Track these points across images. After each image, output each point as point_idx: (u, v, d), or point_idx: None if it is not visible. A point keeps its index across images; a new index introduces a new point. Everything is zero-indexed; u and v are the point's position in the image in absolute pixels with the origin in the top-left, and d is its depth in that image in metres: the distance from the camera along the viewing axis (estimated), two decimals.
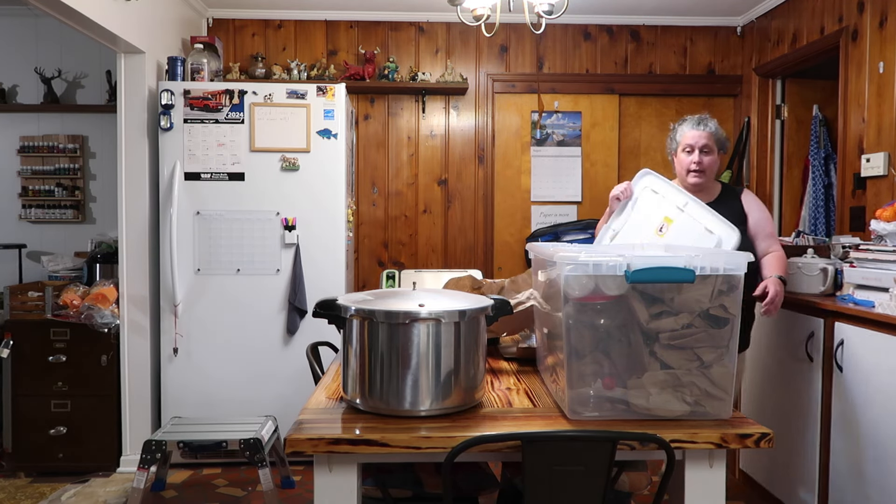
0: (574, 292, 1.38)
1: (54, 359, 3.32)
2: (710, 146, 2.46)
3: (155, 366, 3.46)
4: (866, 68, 3.25)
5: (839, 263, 2.74)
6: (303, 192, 3.42)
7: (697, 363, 1.38)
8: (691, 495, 1.39)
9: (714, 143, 2.47)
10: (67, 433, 3.33)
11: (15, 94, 4.26)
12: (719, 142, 2.49)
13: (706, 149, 2.46)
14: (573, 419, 1.41)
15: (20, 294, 3.37)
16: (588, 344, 1.40)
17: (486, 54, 4.37)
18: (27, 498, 3.06)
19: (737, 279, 1.38)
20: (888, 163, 3.08)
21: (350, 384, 1.47)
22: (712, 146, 2.47)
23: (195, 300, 3.41)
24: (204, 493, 3.11)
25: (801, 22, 3.78)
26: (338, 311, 1.49)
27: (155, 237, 3.46)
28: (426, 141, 4.38)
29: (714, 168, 2.49)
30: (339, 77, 4.21)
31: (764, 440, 1.33)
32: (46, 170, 4.24)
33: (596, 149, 4.43)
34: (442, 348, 1.42)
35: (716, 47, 4.42)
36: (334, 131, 3.42)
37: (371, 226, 4.38)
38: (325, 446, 1.31)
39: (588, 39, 4.39)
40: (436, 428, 1.36)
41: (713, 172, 2.49)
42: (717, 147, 2.48)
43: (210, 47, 3.74)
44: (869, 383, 2.31)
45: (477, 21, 2.83)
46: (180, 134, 3.38)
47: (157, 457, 2.77)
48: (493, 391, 1.65)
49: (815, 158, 3.95)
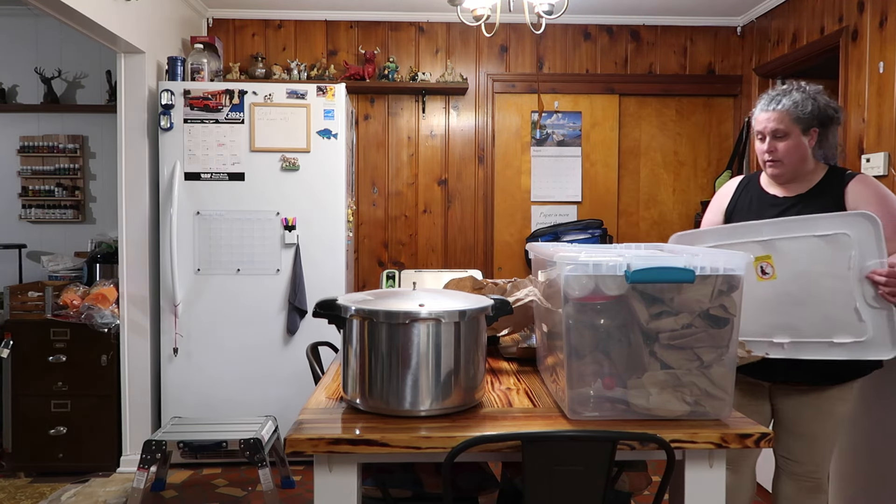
0: (574, 292, 1.38)
1: (54, 359, 3.32)
2: (785, 128, 1.92)
3: (155, 366, 3.46)
4: (866, 68, 3.25)
5: None
6: (303, 192, 3.42)
7: (697, 363, 1.38)
8: (691, 495, 1.39)
9: (792, 122, 1.92)
10: (67, 433, 3.33)
11: (15, 94, 4.26)
12: (803, 118, 1.92)
13: (779, 133, 1.93)
14: (573, 419, 1.41)
15: (20, 294, 3.37)
16: (588, 344, 1.40)
17: (486, 54, 4.37)
18: (27, 498, 3.06)
19: (737, 279, 1.38)
20: (888, 163, 3.08)
21: (350, 384, 1.47)
22: (789, 127, 1.92)
23: (195, 300, 3.41)
24: (204, 493, 3.11)
25: (801, 22, 3.78)
26: (338, 311, 1.49)
27: (155, 237, 3.46)
28: (426, 141, 4.38)
29: (797, 153, 1.93)
30: (339, 77, 4.21)
31: (764, 440, 1.33)
32: (46, 170, 4.24)
33: (596, 149, 4.43)
34: (442, 348, 1.42)
35: (716, 47, 4.43)
36: (334, 131, 3.42)
37: (371, 226, 4.38)
38: (325, 446, 1.31)
39: (588, 39, 4.40)
40: (436, 428, 1.36)
41: (799, 158, 1.94)
42: (800, 125, 1.93)
43: (210, 47, 3.74)
44: (869, 383, 2.31)
45: (477, 21, 2.83)
46: (180, 134, 3.38)
47: (157, 457, 2.77)
48: (493, 391, 1.65)
49: None
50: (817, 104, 1.93)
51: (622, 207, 4.47)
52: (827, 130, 1.95)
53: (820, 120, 1.93)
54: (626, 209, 4.48)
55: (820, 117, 1.93)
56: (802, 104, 1.92)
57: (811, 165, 1.96)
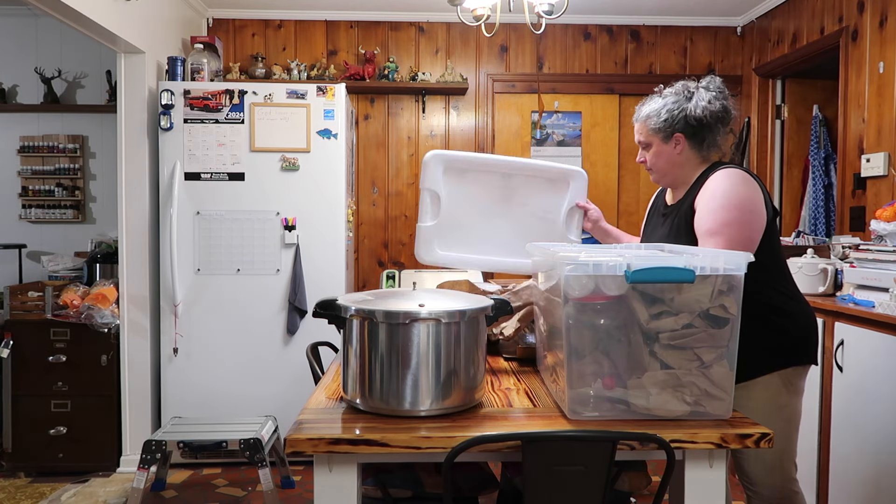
0: (574, 292, 1.38)
1: (54, 359, 3.32)
2: (645, 139, 1.91)
3: (155, 366, 3.46)
4: (866, 68, 3.25)
5: (839, 263, 2.74)
6: (303, 192, 3.42)
7: (697, 363, 1.38)
8: (691, 495, 1.39)
9: (650, 132, 1.88)
10: (67, 433, 3.33)
11: (15, 94, 4.26)
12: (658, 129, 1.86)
13: (642, 143, 1.92)
14: (573, 419, 1.41)
15: (20, 294, 3.37)
16: (588, 344, 1.40)
17: (486, 54, 4.37)
18: (27, 498, 3.06)
19: (737, 279, 1.38)
20: (888, 163, 3.08)
21: (350, 384, 1.47)
22: (648, 138, 1.89)
23: (195, 300, 3.41)
24: (204, 493, 3.11)
25: (801, 22, 3.78)
26: (338, 311, 1.49)
27: (155, 237, 3.46)
28: (426, 141, 4.38)
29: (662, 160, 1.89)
30: (339, 77, 4.21)
31: (764, 440, 1.33)
32: (46, 170, 4.24)
33: (596, 149, 4.43)
34: (442, 348, 1.42)
35: (716, 47, 4.43)
36: (334, 131, 3.42)
37: (371, 226, 4.38)
38: (325, 446, 1.31)
39: (588, 39, 4.40)
40: (436, 428, 1.36)
41: (666, 165, 1.89)
42: (658, 135, 1.87)
43: (210, 47, 3.74)
44: (869, 383, 2.31)
45: (477, 21, 2.83)
46: (180, 134, 3.38)
47: (157, 457, 2.77)
48: (493, 391, 1.65)
49: (815, 158, 3.95)
50: (673, 112, 1.83)
51: (622, 207, 4.47)
52: (701, 133, 1.84)
53: (682, 126, 1.84)
54: (627, 209, 4.48)
55: (679, 124, 1.83)
56: (656, 114, 1.86)
57: (690, 169, 1.88)
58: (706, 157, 1.88)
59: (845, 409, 2.42)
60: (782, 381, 1.79)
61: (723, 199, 1.73)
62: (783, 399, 1.79)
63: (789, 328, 1.80)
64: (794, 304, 1.81)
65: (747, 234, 1.71)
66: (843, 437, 2.44)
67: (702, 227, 1.75)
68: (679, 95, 1.86)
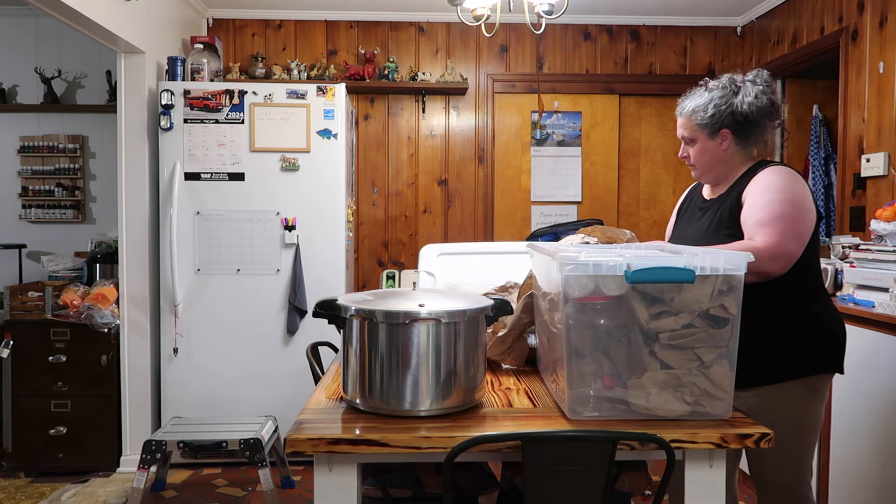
0: (574, 292, 1.38)
1: (54, 359, 3.32)
2: (690, 135, 1.86)
3: (155, 366, 3.46)
4: (866, 68, 3.25)
5: (839, 263, 2.74)
6: (303, 192, 3.42)
7: (697, 363, 1.38)
8: (691, 495, 1.39)
9: (696, 128, 1.84)
10: (67, 433, 3.33)
11: (15, 94, 4.26)
12: (704, 124, 1.82)
13: (686, 139, 1.89)
14: (573, 419, 1.40)
15: (20, 294, 3.37)
16: (588, 344, 1.40)
17: (486, 54, 4.37)
18: (27, 498, 3.06)
19: (737, 279, 1.38)
20: (888, 163, 3.08)
21: (350, 384, 1.47)
22: (693, 133, 1.85)
23: (195, 300, 3.41)
24: (204, 493, 3.11)
25: (801, 22, 3.78)
26: (338, 311, 1.49)
27: (155, 237, 3.46)
28: (426, 141, 4.38)
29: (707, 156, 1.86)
30: (339, 77, 4.21)
31: (764, 440, 1.33)
32: (46, 170, 4.24)
33: (596, 149, 4.43)
34: (442, 348, 1.42)
35: (716, 47, 4.43)
36: (334, 131, 3.42)
37: (371, 226, 4.38)
38: (325, 446, 1.31)
39: (588, 39, 4.40)
40: (436, 428, 1.36)
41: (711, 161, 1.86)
42: (705, 130, 1.83)
43: (210, 47, 3.74)
44: (869, 383, 2.31)
45: (477, 21, 2.83)
46: (180, 134, 3.38)
47: (157, 457, 2.77)
48: (493, 391, 1.65)
49: (815, 158, 3.95)
50: (720, 107, 1.79)
51: (622, 207, 4.47)
52: (748, 128, 1.81)
53: (729, 122, 1.80)
54: (627, 209, 4.48)
55: (727, 120, 1.80)
56: (703, 109, 1.81)
57: (734, 165, 1.85)
58: (750, 153, 1.86)
59: (845, 409, 2.42)
60: (811, 388, 1.76)
61: (777, 192, 1.70)
62: (811, 407, 1.77)
63: (829, 336, 1.77)
64: (831, 313, 1.79)
65: (800, 229, 1.68)
66: (843, 437, 2.44)
67: (751, 218, 1.70)
68: (726, 90, 1.81)
